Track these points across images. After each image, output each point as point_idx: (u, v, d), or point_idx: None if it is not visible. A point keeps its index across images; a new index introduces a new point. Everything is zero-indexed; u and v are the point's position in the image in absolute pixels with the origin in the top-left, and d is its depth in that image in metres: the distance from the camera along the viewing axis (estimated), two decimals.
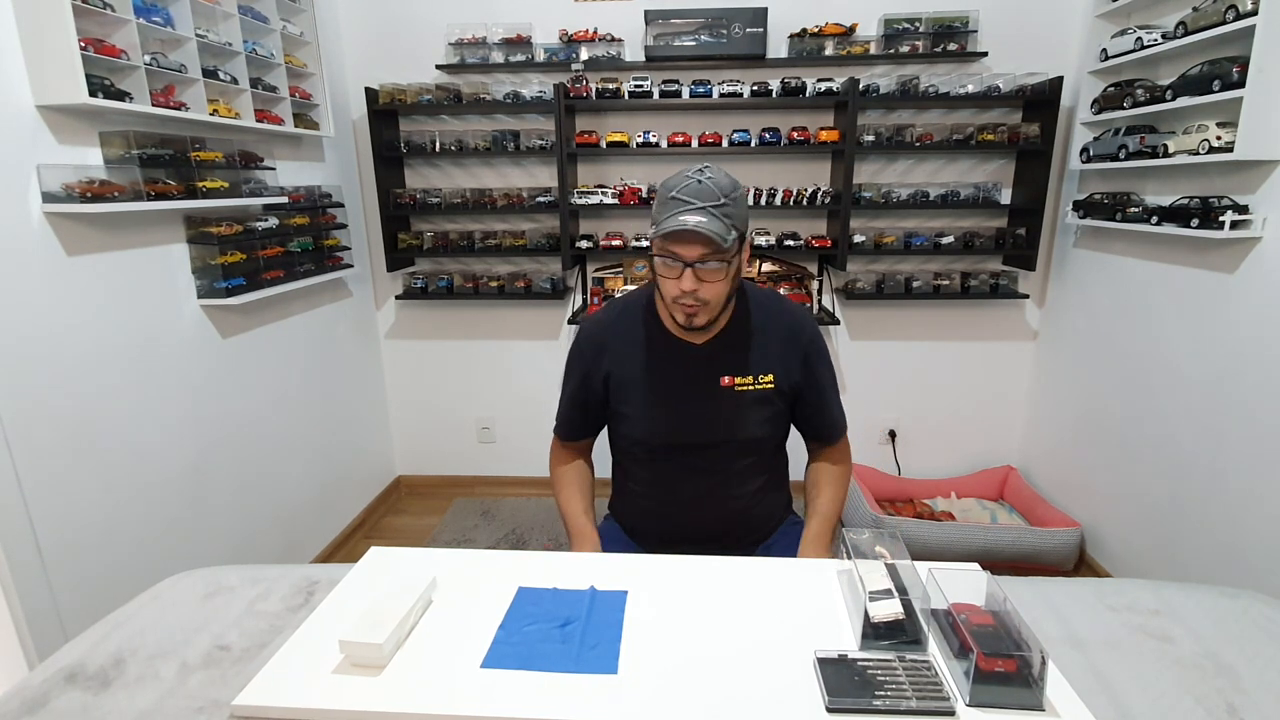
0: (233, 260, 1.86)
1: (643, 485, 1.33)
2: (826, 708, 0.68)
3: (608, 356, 1.27)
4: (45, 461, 1.42)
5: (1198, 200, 1.79)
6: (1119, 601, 0.87)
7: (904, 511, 2.58)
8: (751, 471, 1.29)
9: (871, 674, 0.71)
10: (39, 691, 0.72)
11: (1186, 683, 0.73)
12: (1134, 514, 2.14)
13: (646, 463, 1.31)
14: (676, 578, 0.93)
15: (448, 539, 2.64)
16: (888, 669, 0.72)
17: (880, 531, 0.91)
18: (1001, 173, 2.57)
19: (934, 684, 0.69)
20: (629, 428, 1.29)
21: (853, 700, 0.68)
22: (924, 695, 0.68)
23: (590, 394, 1.30)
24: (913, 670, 0.72)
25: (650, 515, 1.34)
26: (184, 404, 1.81)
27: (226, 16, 1.82)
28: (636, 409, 1.27)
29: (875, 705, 0.67)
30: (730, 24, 2.34)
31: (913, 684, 0.70)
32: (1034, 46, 2.40)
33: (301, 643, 0.78)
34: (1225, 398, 1.78)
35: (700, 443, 1.25)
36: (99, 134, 1.55)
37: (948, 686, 0.69)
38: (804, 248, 2.52)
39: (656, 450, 1.29)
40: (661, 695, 0.71)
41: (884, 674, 0.71)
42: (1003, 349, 2.75)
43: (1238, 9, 1.62)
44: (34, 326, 1.40)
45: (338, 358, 2.57)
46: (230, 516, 1.99)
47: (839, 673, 0.72)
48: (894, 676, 0.71)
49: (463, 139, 2.51)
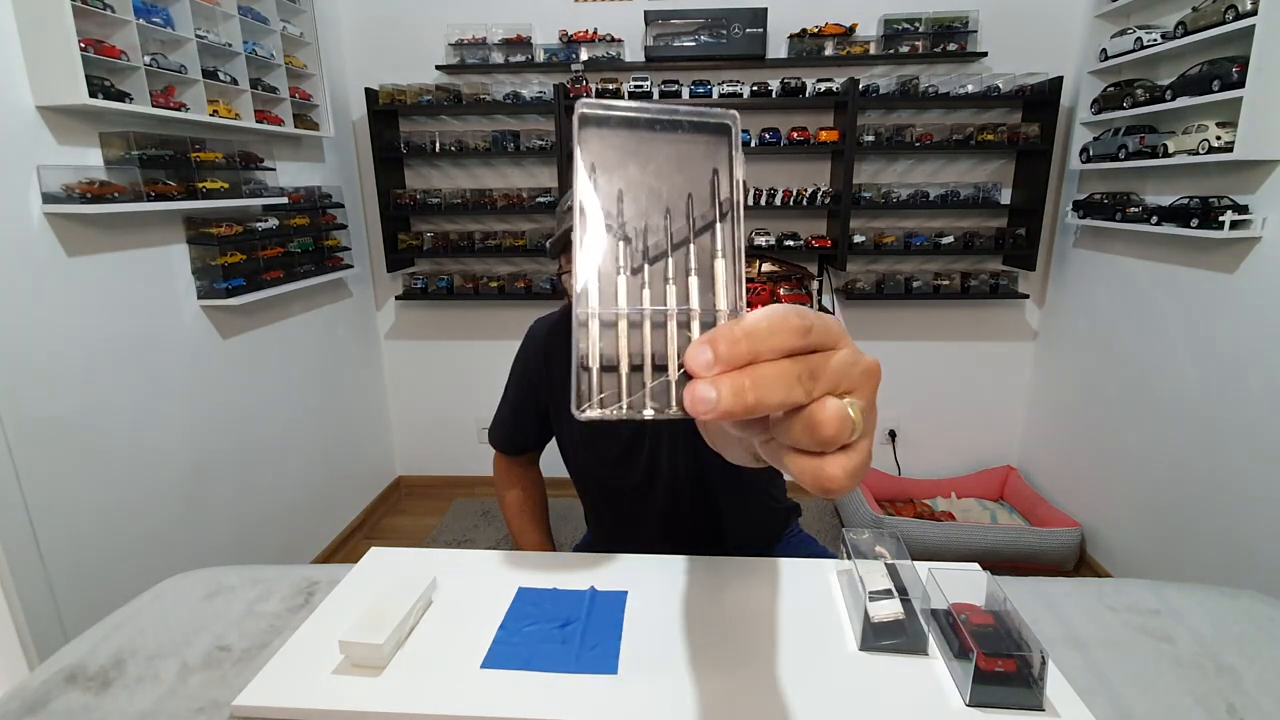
0: (233, 261, 1.86)
1: (607, 525, 1.24)
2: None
3: (551, 366, 1.13)
4: (45, 461, 1.42)
5: (1198, 200, 1.79)
6: (1119, 601, 0.87)
7: (904, 512, 2.58)
8: (736, 505, 1.14)
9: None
10: (39, 692, 0.72)
11: (1186, 683, 0.73)
12: (1134, 514, 2.14)
13: (602, 505, 1.21)
14: (676, 578, 0.93)
15: (448, 539, 2.64)
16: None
17: (880, 531, 0.91)
18: (1001, 173, 2.57)
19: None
20: (570, 463, 1.17)
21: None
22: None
23: (535, 406, 1.18)
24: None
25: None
26: (184, 404, 1.81)
27: (226, 17, 1.82)
28: (570, 440, 1.15)
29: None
30: (730, 24, 2.34)
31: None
32: (1034, 46, 2.40)
33: (301, 643, 0.78)
34: (1225, 397, 1.78)
35: (643, 485, 1.11)
36: (99, 134, 1.55)
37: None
38: (804, 248, 2.52)
39: (605, 491, 1.17)
40: (661, 695, 0.71)
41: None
42: (1003, 349, 2.75)
43: (1237, 9, 1.62)
44: (34, 327, 1.41)
45: (338, 358, 2.57)
46: (230, 516, 1.99)
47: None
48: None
49: (463, 139, 2.51)
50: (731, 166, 0.31)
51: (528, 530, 1.23)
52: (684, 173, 0.31)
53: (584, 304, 0.30)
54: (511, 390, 1.21)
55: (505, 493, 1.26)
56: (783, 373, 0.27)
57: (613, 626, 0.81)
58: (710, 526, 1.14)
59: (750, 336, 0.27)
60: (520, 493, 1.25)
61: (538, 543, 1.22)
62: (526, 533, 1.23)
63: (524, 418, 1.21)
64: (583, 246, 0.30)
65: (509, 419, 1.21)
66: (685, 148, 0.31)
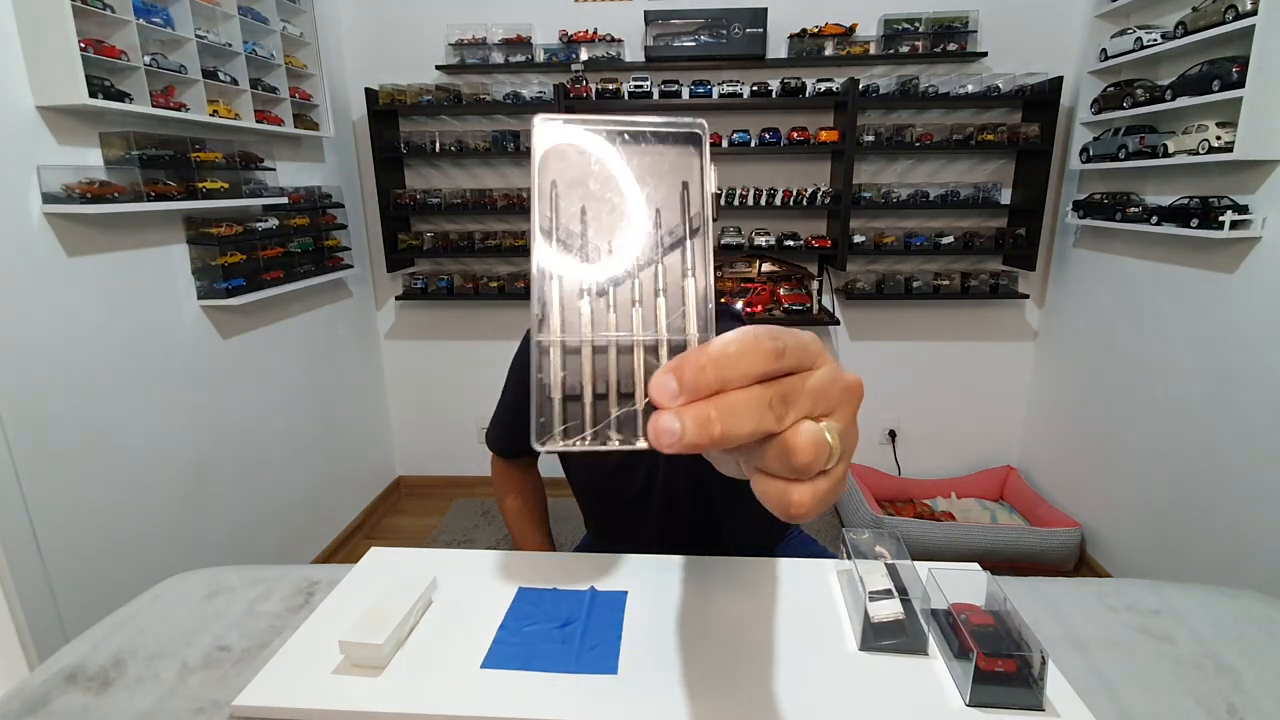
0: (233, 261, 1.86)
1: (605, 529, 1.24)
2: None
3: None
4: (45, 461, 1.42)
5: (1198, 200, 1.79)
6: (1119, 601, 0.87)
7: (904, 512, 2.58)
8: (736, 513, 1.14)
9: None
10: (39, 692, 0.72)
11: (1186, 683, 0.73)
12: (1134, 514, 2.14)
13: (600, 511, 1.21)
14: (676, 578, 0.93)
15: (448, 539, 2.64)
16: None
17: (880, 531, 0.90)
18: (1001, 173, 2.57)
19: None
20: (568, 472, 1.16)
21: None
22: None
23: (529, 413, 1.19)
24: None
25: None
26: (184, 404, 1.81)
27: (226, 17, 1.82)
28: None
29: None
30: (730, 24, 2.34)
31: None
32: (1034, 46, 2.40)
33: (301, 643, 0.78)
34: (1225, 397, 1.78)
35: (642, 495, 1.10)
36: (99, 135, 1.55)
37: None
38: (804, 248, 2.52)
39: (603, 499, 1.17)
40: (661, 695, 0.71)
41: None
42: (1003, 349, 2.75)
43: (1237, 9, 1.62)
44: (34, 327, 1.41)
45: (338, 358, 2.57)
46: (230, 516, 1.99)
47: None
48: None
49: (463, 139, 2.51)
50: (703, 178, 0.30)
51: (529, 534, 1.23)
52: (650, 187, 0.30)
53: (546, 331, 0.29)
54: (509, 394, 1.19)
55: (505, 497, 1.25)
56: (752, 400, 0.26)
57: (613, 626, 0.81)
58: (709, 533, 1.14)
59: (717, 363, 0.26)
60: (520, 498, 1.24)
61: (539, 545, 1.23)
62: (527, 536, 1.23)
63: (521, 422, 1.17)
64: (542, 270, 0.29)
65: (506, 423, 1.19)
66: (651, 159, 0.30)
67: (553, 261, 0.29)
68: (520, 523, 1.24)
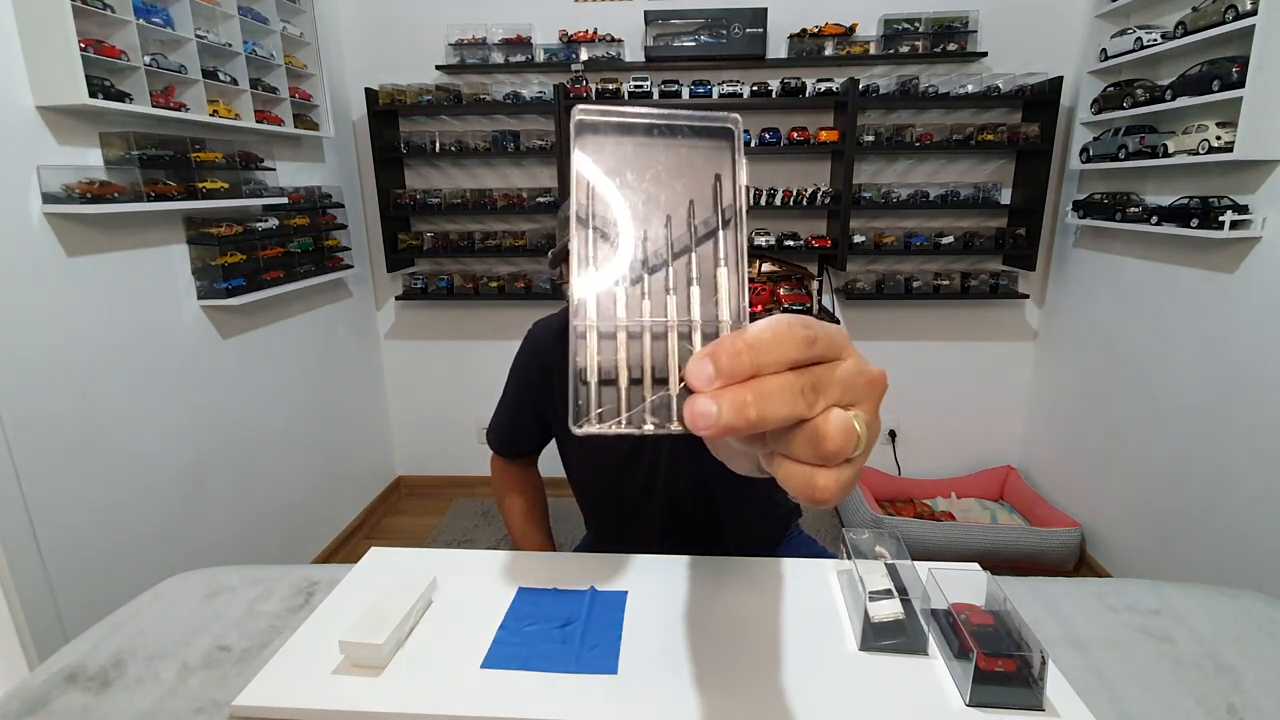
0: (233, 261, 1.86)
1: (606, 529, 1.25)
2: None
3: (551, 378, 1.12)
4: (45, 461, 1.42)
5: (1198, 200, 1.79)
6: (1119, 601, 0.87)
7: (904, 512, 2.58)
8: (737, 512, 1.13)
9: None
10: (39, 692, 0.72)
11: (1186, 683, 0.73)
12: (1134, 514, 2.14)
13: (600, 511, 1.22)
14: (677, 578, 0.93)
15: (448, 539, 2.64)
16: None
17: (880, 531, 0.91)
18: (1001, 173, 2.57)
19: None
20: (569, 470, 1.17)
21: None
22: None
23: (533, 413, 1.17)
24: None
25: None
26: (184, 404, 1.81)
27: (226, 17, 1.82)
28: (569, 449, 1.15)
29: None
30: (730, 24, 2.34)
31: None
32: (1034, 46, 2.41)
33: (301, 643, 0.78)
34: (1225, 397, 1.78)
35: (643, 494, 1.11)
36: (99, 135, 1.55)
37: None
38: (804, 248, 2.52)
39: (604, 498, 1.18)
40: (661, 695, 0.71)
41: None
42: (1003, 349, 2.76)
43: (1237, 9, 1.62)
44: (34, 327, 1.41)
45: (338, 358, 2.57)
46: (230, 516, 1.99)
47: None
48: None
49: (463, 139, 2.51)
50: (734, 171, 0.31)
51: (529, 534, 1.23)
52: (684, 179, 0.31)
53: (582, 316, 0.29)
54: (510, 395, 1.19)
55: (505, 497, 1.25)
56: (786, 386, 0.26)
57: (613, 626, 0.81)
58: (710, 532, 1.14)
59: (753, 349, 0.26)
60: (520, 499, 1.24)
61: (539, 545, 1.22)
62: (528, 536, 1.22)
63: (522, 423, 1.19)
64: (580, 257, 0.29)
65: (507, 423, 1.20)
66: (685, 153, 0.31)
67: (589, 250, 0.30)
68: (520, 522, 1.24)
